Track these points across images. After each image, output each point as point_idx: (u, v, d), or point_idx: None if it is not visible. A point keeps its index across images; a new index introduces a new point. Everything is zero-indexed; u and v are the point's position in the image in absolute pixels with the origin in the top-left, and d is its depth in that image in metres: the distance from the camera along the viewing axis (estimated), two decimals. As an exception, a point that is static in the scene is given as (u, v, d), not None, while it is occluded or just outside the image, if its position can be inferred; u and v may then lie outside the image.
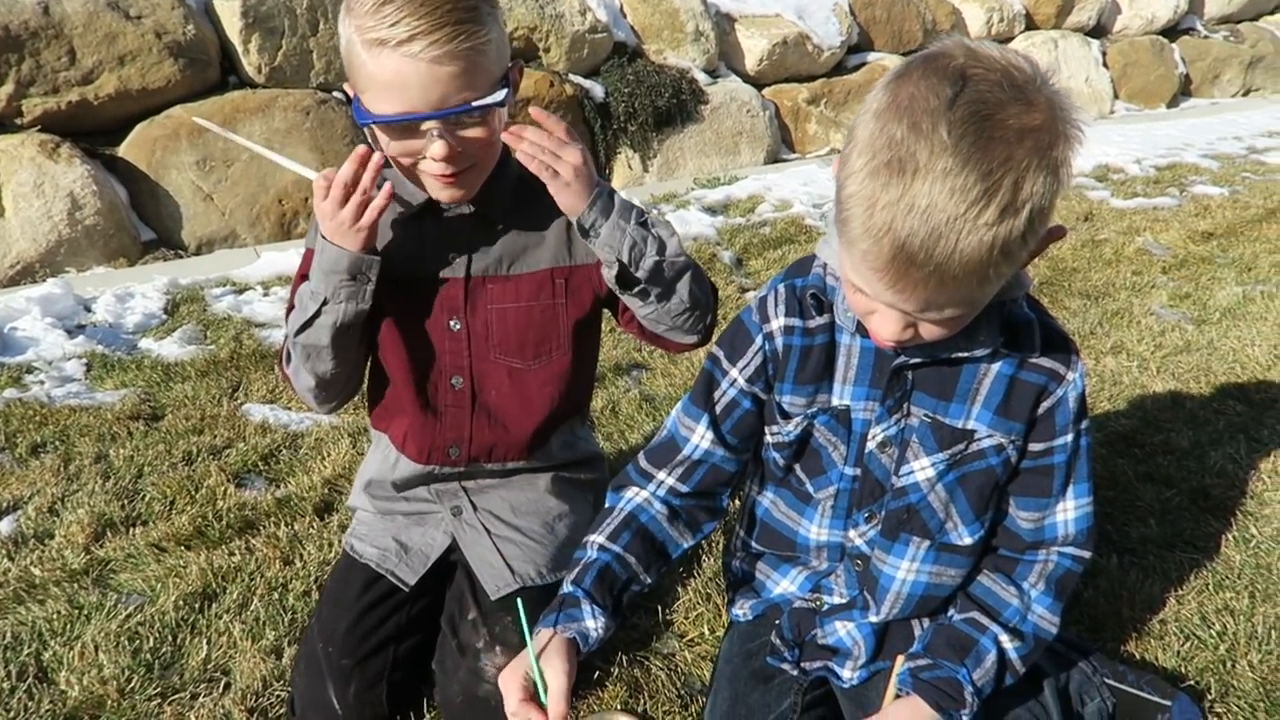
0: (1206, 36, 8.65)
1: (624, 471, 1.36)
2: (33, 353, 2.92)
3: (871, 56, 6.67)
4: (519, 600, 1.25)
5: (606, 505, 1.33)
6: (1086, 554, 1.27)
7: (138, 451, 2.29)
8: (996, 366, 1.19)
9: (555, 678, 1.13)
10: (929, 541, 1.25)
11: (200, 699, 1.48)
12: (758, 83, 6.07)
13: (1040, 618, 1.25)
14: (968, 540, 1.25)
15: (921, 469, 1.22)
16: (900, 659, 1.27)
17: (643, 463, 1.33)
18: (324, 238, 1.34)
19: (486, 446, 1.53)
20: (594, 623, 1.19)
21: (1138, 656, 1.56)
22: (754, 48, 5.99)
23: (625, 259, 1.34)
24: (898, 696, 1.22)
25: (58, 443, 2.35)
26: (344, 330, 1.38)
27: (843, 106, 6.37)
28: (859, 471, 1.25)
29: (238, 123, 4.20)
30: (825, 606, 1.35)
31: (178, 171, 4.10)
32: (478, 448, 1.53)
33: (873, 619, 1.29)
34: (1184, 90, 8.43)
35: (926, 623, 1.32)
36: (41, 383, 2.71)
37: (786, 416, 1.26)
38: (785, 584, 1.39)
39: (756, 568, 1.43)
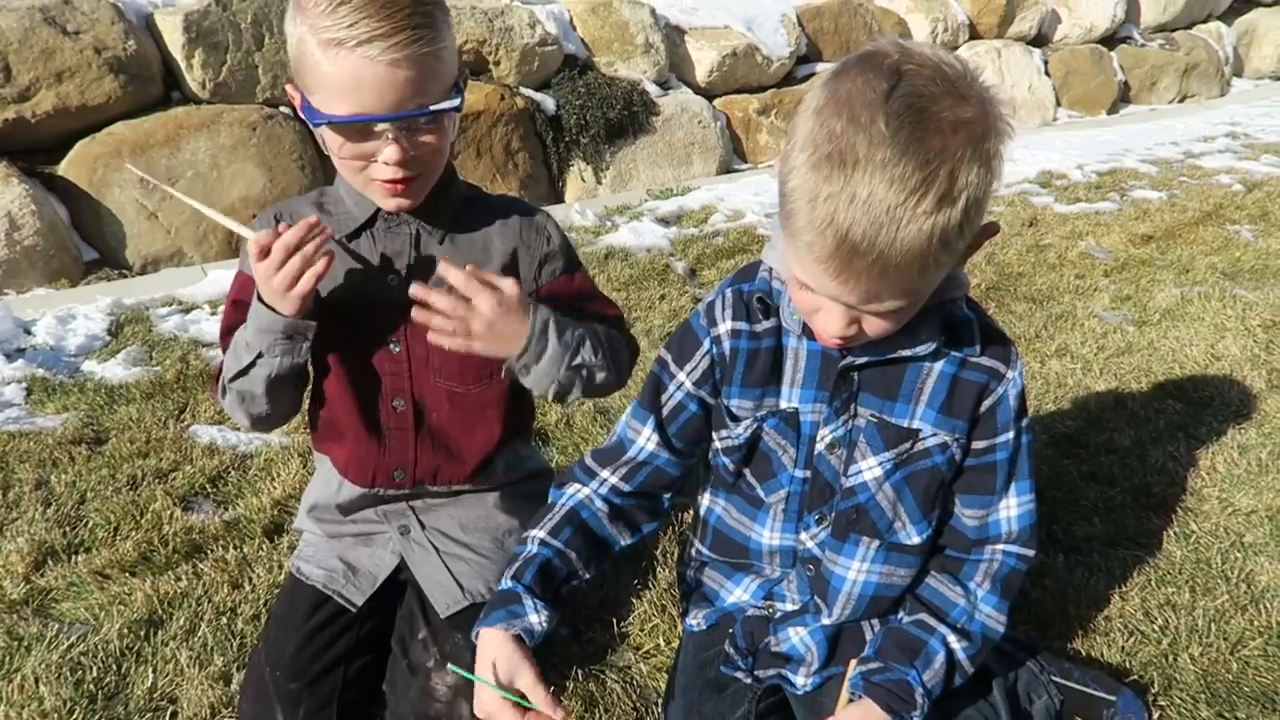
0: (1143, 45, 8.87)
1: (568, 469, 1.36)
2: (-31, 377, 2.84)
3: (820, 67, 6.74)
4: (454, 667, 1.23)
5: (549, 501, 1.33)
6: (1030, 552, 1.29)
7: (80, 477, 2.24)
8: (939, 366, 1.21)
9: (525, 676, 1.12)
10: (878, 541, 1.26)
11: (145, 730, 1.45)
12: (709, 94, 6.11)
13: (987, 617, 1.27)
14: (916, 539, 1.26)
15: (869, 469, 1.23)
16: (852, 663, 1.28)
17: (588, 460, 1.34)
18: (259, 299, 1.32)
19: (431, 470, 1.52)
20: (537, 617, 1.18)
21: (1084, 653, 1.59)
22: (704, 59, 6.03)
23: (549, 396, 1.36)
24: (850, 700, 1.23)
25: (-4, 469, 2.29)
26: (279, 380, 1.37)
27: (793, 116, 6.42)
28: (809, 474, 1.26)
29: (181, 139, 4.14)
30: (778, 614, 1.35)
31: (120, 189, 4.02)
32: (423, 471, 1.52)
33: (825, 622, 1.30)
34: (1123, 97, 8.64)
35: (877, 626, 1.33)
36: (-21, 408, 2.64)
37: (735, 420, 1.27)
38: (739, 593, 1.40)
39: (710, 577, 1.43)
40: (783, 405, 1.26)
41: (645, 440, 1.31)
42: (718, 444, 1.32)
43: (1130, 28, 8.87)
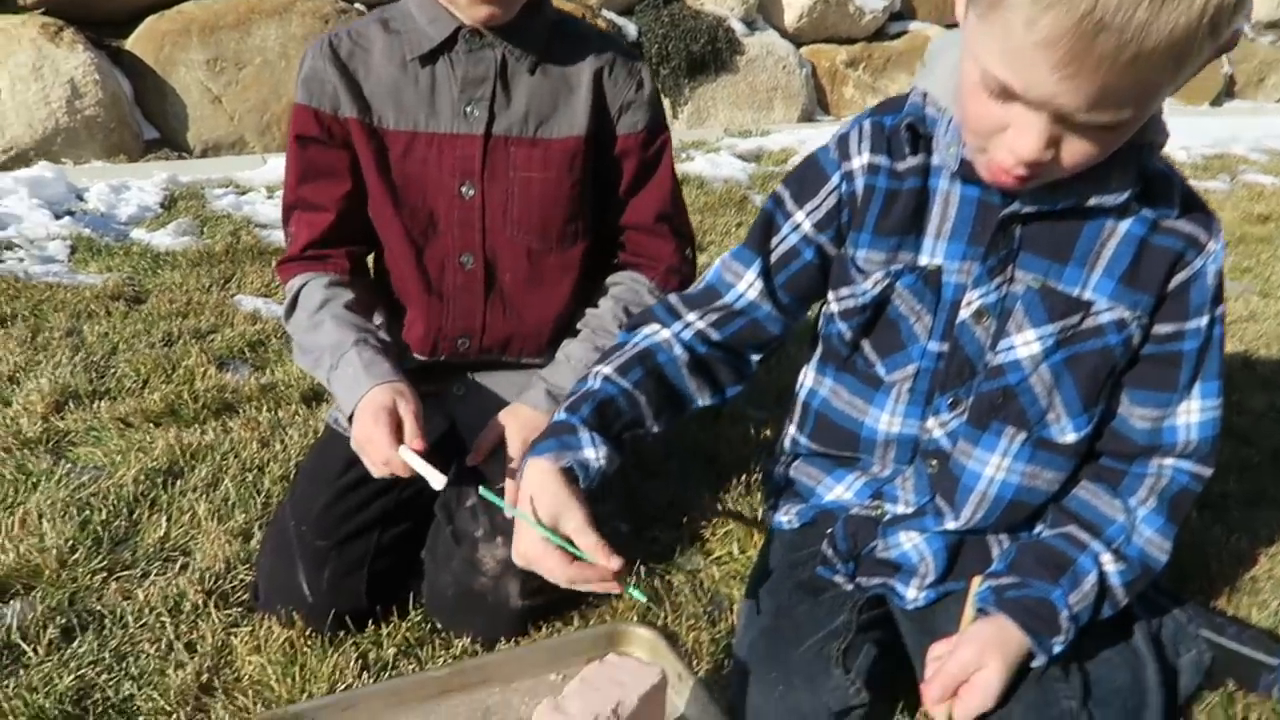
0: (1254, 39, 8.39)
1: (644, 310, 1.16)
2: (14, 230, 2.72)
3: (913, 25, 6.41)
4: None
5: (617, 342, 1.13)
6: (1208, 471, 1.06)
7: (114, 329, 2.09)
8: (1124, 226, 0.98)
9: (574, 516, 0.93)
10: (1025, 434, 1.04)
11: (152, 577, 1.29)
12: (796, 40, 5.83)
13: (1149, 542, 1.04)
14: (1070, 437, 1.04)
15: (1025, 344, 1.01)
16: (977, 579, 1.07)
17: (672, 300, 1.13)
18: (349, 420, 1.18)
19: (501, 339, 1.33)
20: (594, 452, 0.98)
21: (1230, 613, 1.36)
22: (795, 3, 5.74)
23: None
24: (977, 618, 1.02)
25: (29, 315, 2.15)
26: None
27: (881, 73, 6.12)
28: (945, 347, 1.05)
29: (252, 24, 3.98)
30: (887, 516, 1.14)
31: (186, 70, 3.89)
32: (491, 339, 1.33)
33: (949, 526, 1.08)
34: (1228, 91, 8.19)
35: (1006, 542, 1.12)
36: (20, 260, 2.51)
37: (861, 275, 1.05)
38: (840, 490, 1.19)
39: (805, 472, 1.22)
40: (922, 261, 1.04)
41: (746, 287, 1.10)
42: (834, 306, 1.10)
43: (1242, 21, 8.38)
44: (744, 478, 1.57)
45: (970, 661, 0.96)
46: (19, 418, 1.68)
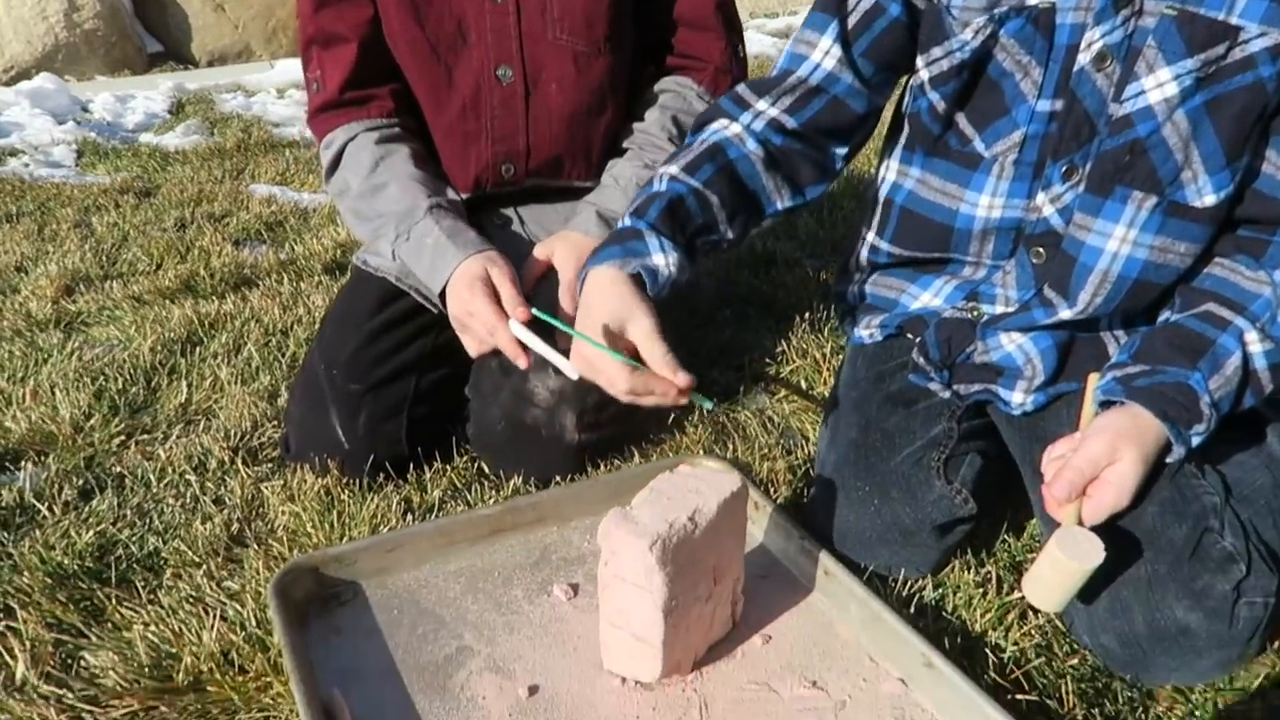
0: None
1: (709, 107, 1.02)
2: (17, 137, 2.60)
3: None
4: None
5: (684, 144, 0.99)
6: (1369, 237, 0.91)
7: (124, 219, 1.98)
8: None
9: (640, 323, 0.81)
10: (1155, 198, 0.89)
11: (174, 439, 1.18)
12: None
13: (1299, 320, 0.90)
14: (1209, 199, 0.89)
15: (1158, 87, 0.85)
16: (1093, 377, 0.93)
17: (740, 90, 0.99)
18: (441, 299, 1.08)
19: (548, 159, 1.19)
20: (663, 258, 0.87)
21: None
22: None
23: None
24: (1100, 412, 0.88)
25: (36, 212, 2.05)
26: None
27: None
28: (1060, 105, 0.89)
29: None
30: (985, 317, 1.00)
31: (185, -24, 3.72)
32: (537, 161, 1.19)
33: (1063, 316, 0.94)
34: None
35: (1124, 338, 0.98)
36: (25, 164, 2.40)
37: (958, 24, 0.90)
38: (927, 297, 1.05)
39: (885, 284, 1.08)
40: (1031, 0, 0.88)
41: (822, 56, 0.95)
42: (924, 74, 0.95)
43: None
44: (806, 316, 1.44)
45: (1101, 455, 0.83)
46: (27, 302, 1.58)
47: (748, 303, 1.54)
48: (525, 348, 1.01)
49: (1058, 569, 0.79)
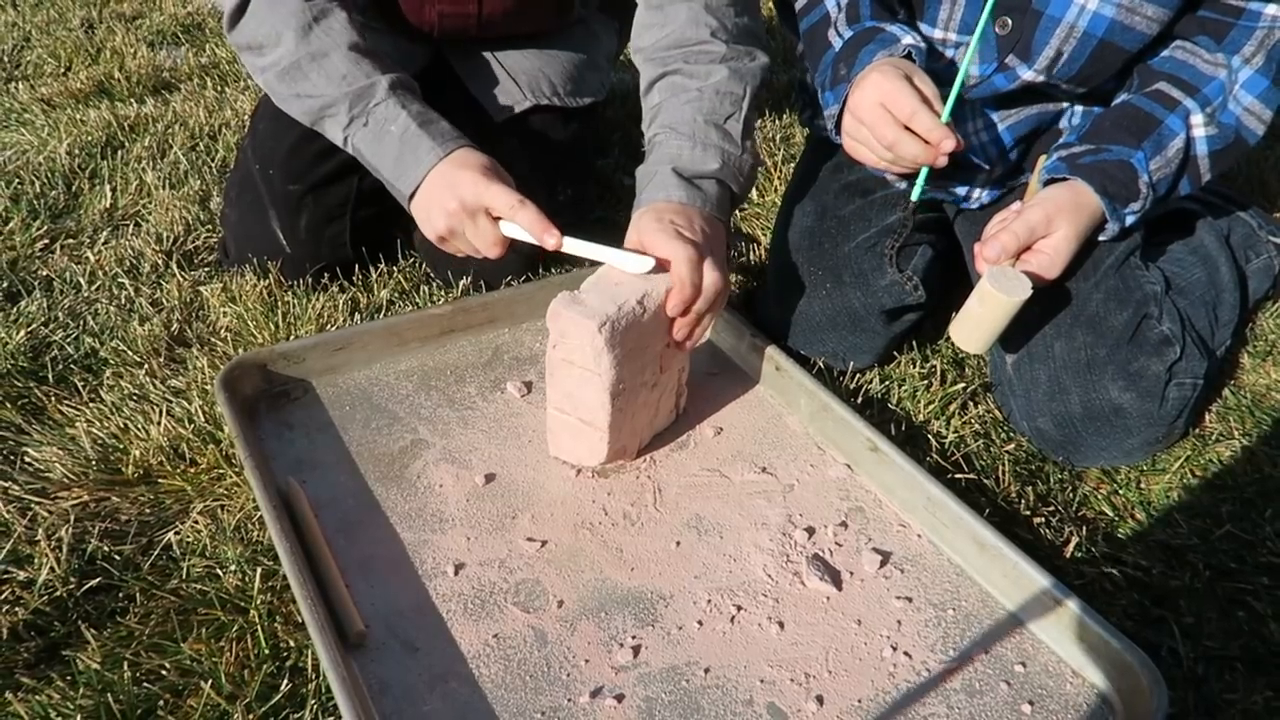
0: None
1: None
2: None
3: None
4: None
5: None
6: (1332, 29, 0.89)
7: (24, 17, 1.82)
8: None
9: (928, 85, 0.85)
10: None
11: (101, 243, 1.13)
12: None
13: (1246, 110, 0.89)
14: None
15: None
16: (1042, 157, 0.92)
17: None
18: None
19: (503, 8, 1.08)
20: (911, 36, 0.89)
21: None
22: None
23: None
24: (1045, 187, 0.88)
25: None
26: None
27: None
28: None
29: None
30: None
31: None
32: (492, 6, 1.07)
33: (1024, 76, 0.91)
34: None
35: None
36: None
37: None
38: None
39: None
40: None
41: None
42: None
43: None
44: (761, 115, 1.40)
45: (1038, 224, 0.83)
46: (-77, 106, 1.47)
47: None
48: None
49: (986, 303, 0.81)
